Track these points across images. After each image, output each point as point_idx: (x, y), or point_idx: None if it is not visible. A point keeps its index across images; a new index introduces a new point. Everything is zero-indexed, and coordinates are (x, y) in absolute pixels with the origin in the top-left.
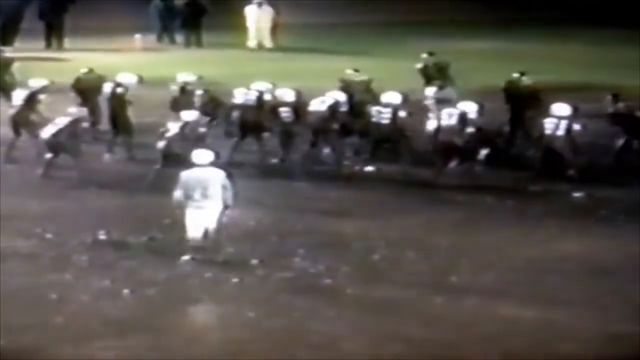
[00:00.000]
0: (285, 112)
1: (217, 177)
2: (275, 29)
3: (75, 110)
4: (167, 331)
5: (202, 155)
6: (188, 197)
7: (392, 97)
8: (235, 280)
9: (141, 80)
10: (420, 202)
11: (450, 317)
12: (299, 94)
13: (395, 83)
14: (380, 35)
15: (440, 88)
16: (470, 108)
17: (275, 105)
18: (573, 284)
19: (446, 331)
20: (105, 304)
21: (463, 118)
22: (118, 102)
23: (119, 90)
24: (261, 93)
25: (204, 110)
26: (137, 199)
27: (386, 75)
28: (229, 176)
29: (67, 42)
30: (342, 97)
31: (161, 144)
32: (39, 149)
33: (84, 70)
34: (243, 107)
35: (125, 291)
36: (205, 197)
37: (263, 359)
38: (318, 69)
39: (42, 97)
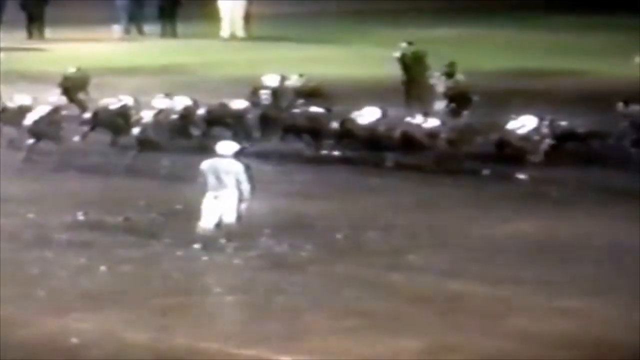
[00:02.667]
0: (264, 96)
1: (235, 169)
2: (248, 19)
3: (55, 99)
4: (140, 305)
5: (226, 146)
6: (205, 185)
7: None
8: (204, 258)
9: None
10: (381, 185)
11: (405, 292)
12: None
13: (365, 69)
14: (350, 23)
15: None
16: None
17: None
18: (523, 262)
19: (401, 305)
20: (83, 279)
21: None
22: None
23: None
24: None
25: None
26: (114, 182)
27: (355, 61)
28: (247, 169)
29: (48, 33)
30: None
31: (136, 131)
32: (20, 135)
33: (71, 69)
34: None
35: (102, 268)
36: (222, 187)
37: (229, 330)
38: (288, 57)
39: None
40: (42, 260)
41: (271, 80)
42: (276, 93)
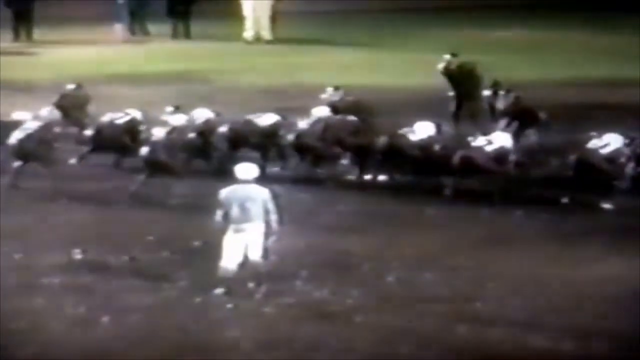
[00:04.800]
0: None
1: (260, 196)
2: (275, 18)
3: (46, 113)
4: None
5: (246, 170)
6: (226, 218)
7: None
8: (229, 306)
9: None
10: (439, 217)
11: (474, 349)
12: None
13: (405, 79)
14: (393, 23)
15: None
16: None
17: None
18: (616, 311)
19: None
20: (81, 333)
21: None
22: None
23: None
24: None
25: None
26: (116, 213)
27: (400, 68)
28: (274, 197)
29: (37, 34)
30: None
31: (145, 151)
32: (4, 156)
33: (70, 86)
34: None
35: (104, 319)
36: (247, 219)
37: None
38: (321, 63)
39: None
40: (30, 310)
41: None
42: None
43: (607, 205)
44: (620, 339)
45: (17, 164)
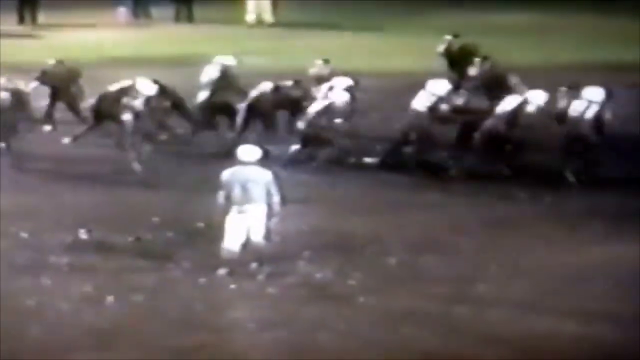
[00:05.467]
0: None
1: (262, 178)
2: (277, 1)
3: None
4: (155, 343)
5: (248, 152)
6: (229, 199)
7: None
8: (232, 286)
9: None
10: (442, 199)
11: (476, 331)
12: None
13: (408, 63)
14: (399, 7)
15: None
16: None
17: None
18: (620, 294)
19: (471, 347)
20: (87, 312)
21: None
22: None
23: None
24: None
25: None
26: (121, 193)
27: (398, 54)
28: (276, 178)
29: (41, 17)
30: None
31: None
32: None
33: (51, 61)
34: None
35: (109, 298)
36: (249, 201)
37: None
38: (325, 47)
39: None
40: (37, 289)
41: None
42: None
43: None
44: (621, 321)
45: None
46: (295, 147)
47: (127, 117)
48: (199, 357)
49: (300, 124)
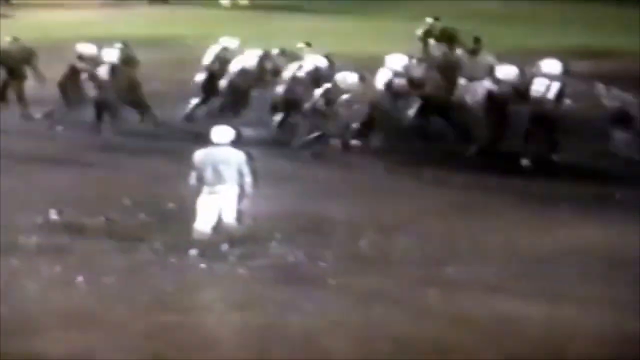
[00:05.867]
0: None
1: (235, 159)
2: None
3: None
4: (126, 324)
5: (221, 133)
6: (201, 180)
7: None
8: (203, 266)
9: None
10: (414, 182)
11: (444, 312)
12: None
13: (384, 48)
14: None
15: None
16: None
17: None
18: (586, 277)
19: (439, 328)
20: (56, 292)
21: None
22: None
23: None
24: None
25: None
26: (93, 175)
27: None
28: (249, 159)
29: None
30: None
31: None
32: None
33: (7, 38)
34: None
35: (79, 279)
36: (221, 182)
37: (234, 357)
38: (299, 29)
39: None
40: (6, 269)
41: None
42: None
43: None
44: (587, 302)
45: None
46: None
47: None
48: (168, 338)
49: (279, 89)
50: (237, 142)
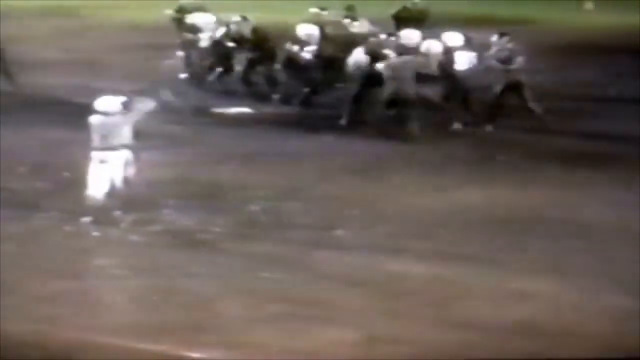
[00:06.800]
0: None
1: (125, 126)
2: None
3: None
4: (21, 290)
5: (107, 102)
6: (92, 146)
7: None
8: (96, 234)
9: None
10: (307, 147)
11: (334, 274)
12: None
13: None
14: None
15: None
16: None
17: None
18: (472, 237)
19: (331, 289)
20: None
21: None
22: None
23: None
24: None
25: None
26: None
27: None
28: (141, 126)
29: None
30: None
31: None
32: None
33: None
34: None
35: None
36: (112, 149)
37: (129, 321)
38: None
39: None
40: None
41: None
42: None
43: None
44: (475, 262)
45: None
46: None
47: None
48: (64, 303)
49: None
50: (127, 110)
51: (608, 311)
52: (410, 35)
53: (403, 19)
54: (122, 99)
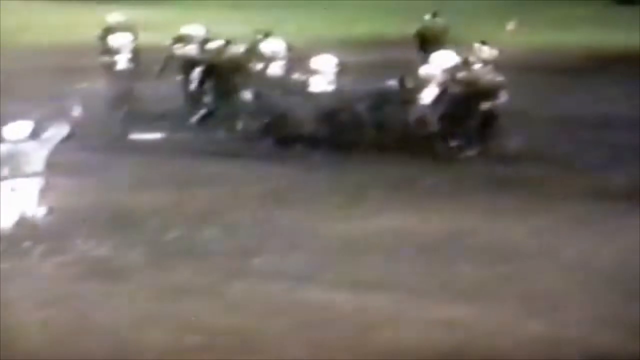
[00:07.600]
0: None
1: (35, 154)
2: None
3: None
4: None
5: (16, 129)
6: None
7: None
8: (5, 266)
9: None
10: (227, 173)
11: (253, 304)
12: None
13: None
14: None
15: None
16: None
17: None
18: (393, 263)
19: (250, 320)
20: None
21: None
22: None
23: None
24: None
25: None
26: None
27: None
28: (51, 154)
29: None
30: None
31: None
32: None
33: None
34: None
35: None
36: (22, 176)
37: (37, 355)
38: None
39: None
40: None
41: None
42: None
43: None
44: (396, 289)
45: None
46: None
47: None
48: None
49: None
50: (34, 136)
51: (528, 338)
52: (445, 57)
53: (426, 38)
54: (33, 124)
